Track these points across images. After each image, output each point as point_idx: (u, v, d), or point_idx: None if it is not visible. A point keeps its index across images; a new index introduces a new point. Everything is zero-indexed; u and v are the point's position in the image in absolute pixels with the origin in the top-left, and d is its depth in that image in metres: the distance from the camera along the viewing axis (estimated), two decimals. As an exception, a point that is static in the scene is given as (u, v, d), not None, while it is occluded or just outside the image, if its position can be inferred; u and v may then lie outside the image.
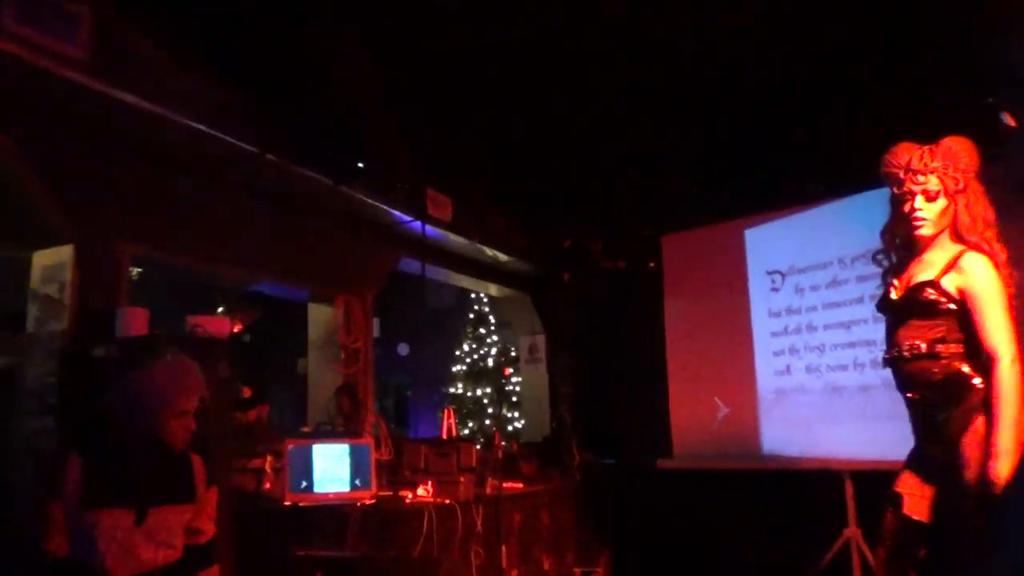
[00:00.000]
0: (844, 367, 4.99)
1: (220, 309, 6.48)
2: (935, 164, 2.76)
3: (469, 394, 11.68)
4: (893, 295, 2.88)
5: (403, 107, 5.86)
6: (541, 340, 8.52)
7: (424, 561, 3.91)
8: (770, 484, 5.00)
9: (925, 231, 2.81)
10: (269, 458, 4.75)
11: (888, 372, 4.71)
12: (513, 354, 10.99)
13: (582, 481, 6.50)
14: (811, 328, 5.16)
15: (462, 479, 4.85)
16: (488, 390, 11.66)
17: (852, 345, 4.97)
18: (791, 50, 5.15)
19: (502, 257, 7.54)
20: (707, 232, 5.91)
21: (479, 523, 4.78)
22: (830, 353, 5.06)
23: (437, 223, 6.40)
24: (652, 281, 6.49)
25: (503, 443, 7.00)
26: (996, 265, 2.72)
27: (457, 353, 12.17)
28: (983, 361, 2.65)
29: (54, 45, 3.83)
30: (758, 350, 5.39)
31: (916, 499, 2.81)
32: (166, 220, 5.00)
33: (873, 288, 4.93)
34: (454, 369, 12.07)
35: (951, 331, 2.72)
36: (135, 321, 4.14)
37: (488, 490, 5.12)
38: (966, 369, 2.68)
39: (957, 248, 2.77)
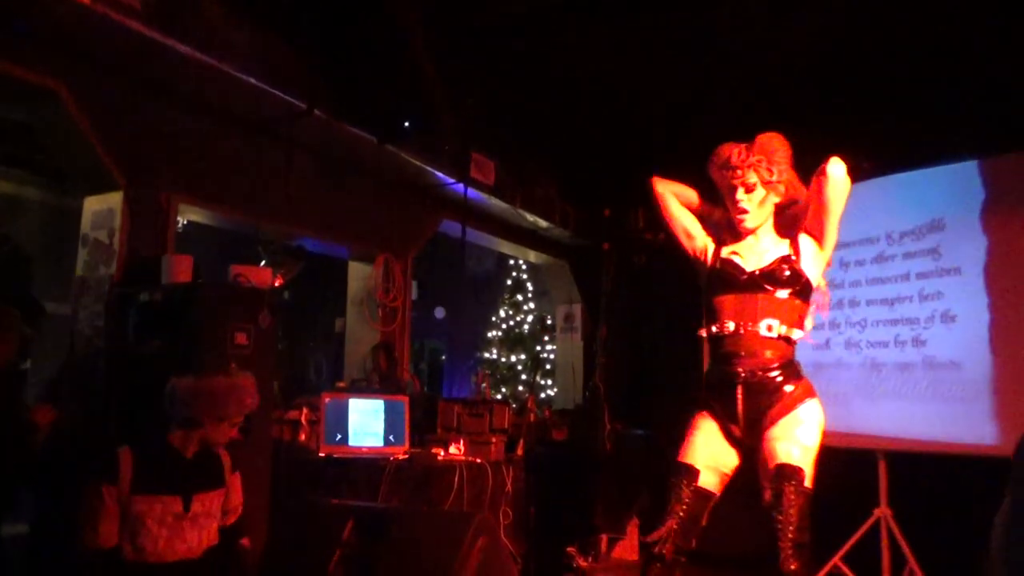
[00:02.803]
0: (884, 344, 4.93)
1: (263, 262, 6.57)
2: (752, 159, 2.90)
3: (504, 360, 11.73)
4: (745, 266, 2.99)
5: (452, 70, 5.85)
6: (577, 309, 8.52)
7: (455, 515, 3.96)
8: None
9: (748, 223, 2.97)
10: (305, 411, 4.83)
11: (929, 351, 4.70)
12: (549, 322, 11.00)
13: (612, 449, 6.51)
14: (853, 303, 5.09)
15: (494, 440, 4.90)
16: (523, 357, 11.70)
17: (894, 322, 4.90)
18: (847, 22, 5.06)
19: (542, 224, 7.54)
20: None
21: (509, 483, 4.83)
22: (871, 329, 4.99)
23: (480, 186, 6.40)
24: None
25: (535, 408, 7.03)
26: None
27: (493, 319, 12.21)
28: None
29: (111, -7, 3.88)
30: (797, 324, 5.36)
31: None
32: (213, 172, 5.07)
33: (920, 266, 4.85)
34: (489, 335, 12.12)
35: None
36: (180, 269, 4.22)
37: (519, 452, 5.16)
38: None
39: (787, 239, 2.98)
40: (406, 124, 5.32)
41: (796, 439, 2.87)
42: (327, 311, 8.45)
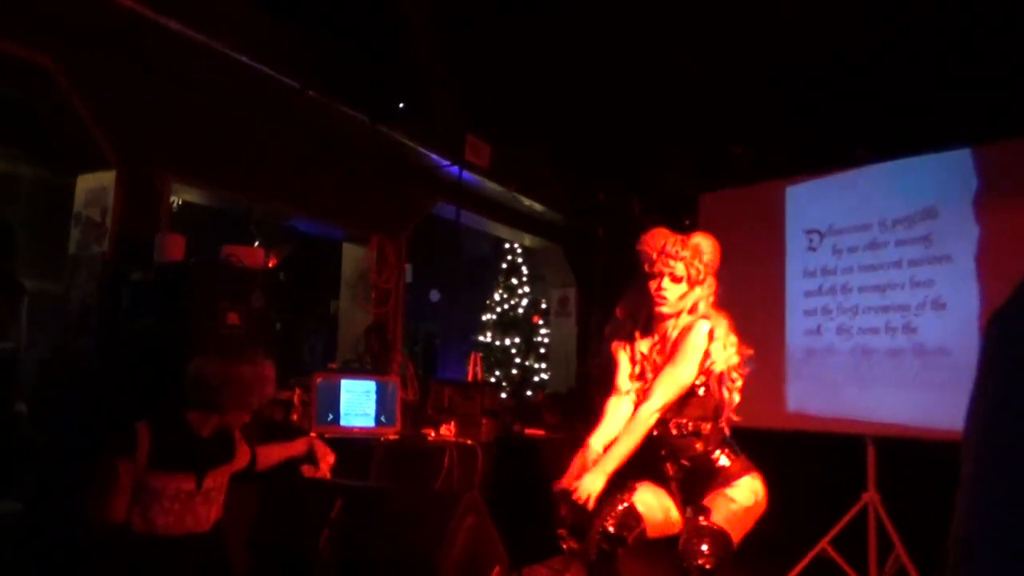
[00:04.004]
0: (876, 331, 4.94)
1: (256, 243, 6.57)
2: (684, 253, 3.02)
3: (498, 343, 11.75)
4: (648, 375, 3.09)
5: (447, 51, 5.84)
6: (572, 293, 8.53)
7: (444, 494, 3.99)
8: (791, 443, 5.00)
9: (664, 309, 3.06)
10: (298, 390, 4.84)
11: (920, 338, 4.73)
12: (543, 306, 11.02)
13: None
14: (846, 290, 5.10)
15: (485, 421, 4.92)
16: (516, 340, 11.72)
17: (886, 309, 4.91)
18: (844, 11, 5.05)
19: (537, 207, 7.53)
20: (746, 191, 5.85)
21: (498, 465, 4.85)
22: (863, 316, 5.01)
23: (475, 169, 6.39)
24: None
25: (528, 391, 7.05)
26: (712, 336, 2.99)
27: (488, 302, 12.22)
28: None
29: (102, -32, 3.86)
30: (790, 309, 5.36)
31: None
32: (206, 151, 5.05)
33: (912, 253, 4.86)
34: (484, 318, 12.14)
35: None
36: (173, 247, 4.22)
37: (509, 433, 5.18)
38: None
39: (686, 321, 3.05)
40: (400, 105, 5.31)
41: (727, 502, 2.90)
42: (321, 293, 8.45)
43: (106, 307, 4.32)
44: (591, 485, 2.84)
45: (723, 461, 2.98)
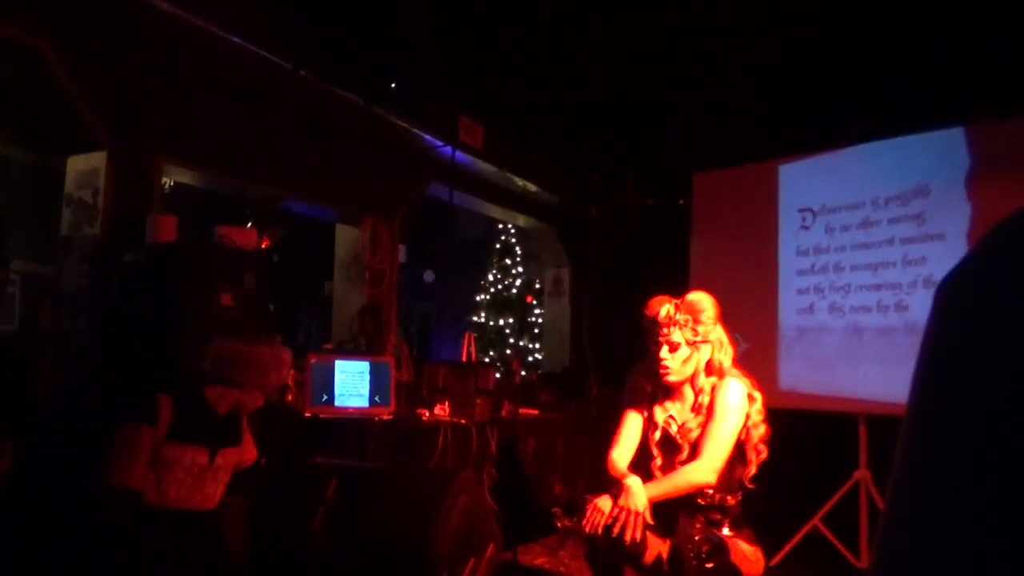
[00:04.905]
0: (868, 309, 4.96)
1: (249, 224, 6.56)
2: (679, 317, 3.00)
3: (492, 324, 11.78)
4: (678, 439, 3.04)
5: (439, 32, 5.81)
6: (566, 273, 8.55)
7: (438, 473, 4.01)
8: (783, 422, 5.03)
9: (670, 378, 3.03)
10: (292, 371, 4.85)
11: (911, 315, 4.75)
12: (538, 286, 11.03)
13: (599, 413, 6.57)
14: (838, 268, 5.12)
15: (479, 401, 4.93)
16: (511, 320, 11.74)
17: (878, 287, 4.93)
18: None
19: (531, 188, 7.53)
20: (740, 171, 5.85)
21: (493, 444, 4.87)
22: (855, 294, 5.02)
23: (468, 149, 6.38)
24: (680, 218, 6.46)
25: (522, 371, 7.08)
26: (752, 399, 2.98)
27: (482, 283, 12.23)
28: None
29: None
30: (782, 288, 5.37)
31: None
32: (198, 132, 5.03)
33: (904, 231, 4.87)
34: (478, 299, 12.16)
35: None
36: (165, 229, 4.21)
37: (504, 413, 5.20)
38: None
39: (711, 381, 3.01)
40: (393, 85, 5.28)
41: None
42: (315, 274, 8.44)
43: (99, 288, 4.31)
44: (637, 502, 2.84)
45: (725, 531, 2.89)
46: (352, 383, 4.67)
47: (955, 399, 0.46)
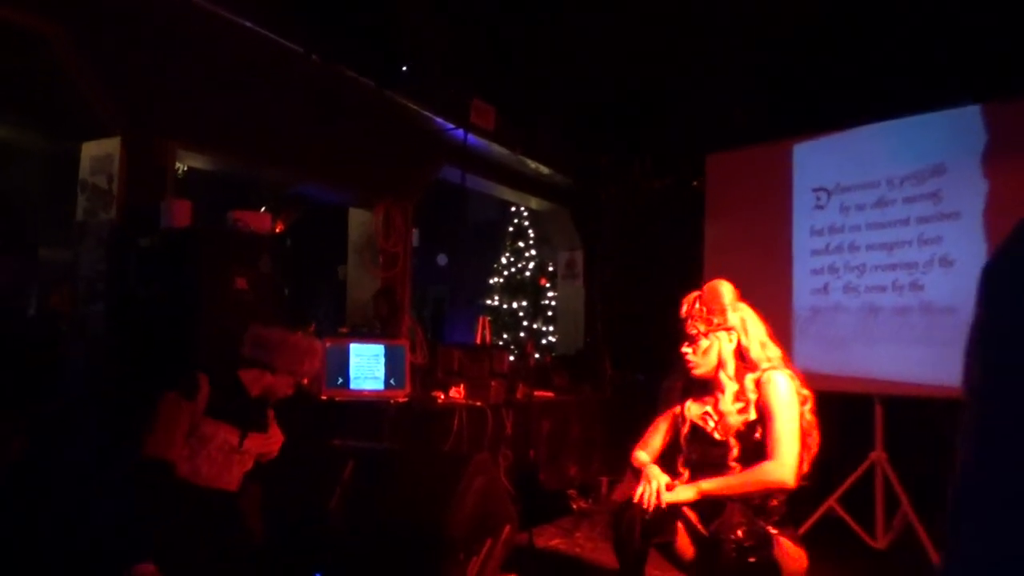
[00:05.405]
0: (883, 288, 4.93)
1: (263, 208, 6.58)
2: (696, 309, 3.00)
3: (505, 307, 11.78)
4: (716, 435, 3.00)
5: (451, 14, 5.78)
6: (579, 256, 8.53)
7: (454, 455, 4.02)
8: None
9: (697, 371, 3.01)
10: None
11: (927, 295, 4.72)
12: (551, 269, 11.02)
13: (613, 395, 6.58)
14: (853, 248, 5.08)
15: (493, 383, 4.93)
16: (524, 303, 11.74)
17: (893, 267, 4.89)
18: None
19: (543, 170, 7.51)
20: (754, 151, 5.80)
21: (508, 426, 4.88)
22: (870, 274, 4.99)
23: (480, 132, 6.36)
24: (693, 199, 6.43)
25: (536, 354, 7.09)
26: (797, 390, 2.92)
27: (495, 266, 12.23)
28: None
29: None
30: (796, 268, 5.34)
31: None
32: (211, 117, 5.04)
33: (920, 210, 4.83)
34: (491, 282, 12.16)
35: None
36: (180, 213, 4.22)
37: (518, 395, 5.20)
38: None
39: (753, 376, 2.95)
40: (404, 68, 5.27)
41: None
42: (329, 258, 8.46)
43: (115, 273, 4.34)
44: (679, 492, 2.84)
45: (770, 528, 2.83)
46: (367, 366, 4.69)
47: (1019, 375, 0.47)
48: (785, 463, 2.81)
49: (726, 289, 3.07)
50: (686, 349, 3.01)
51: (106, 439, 3.87)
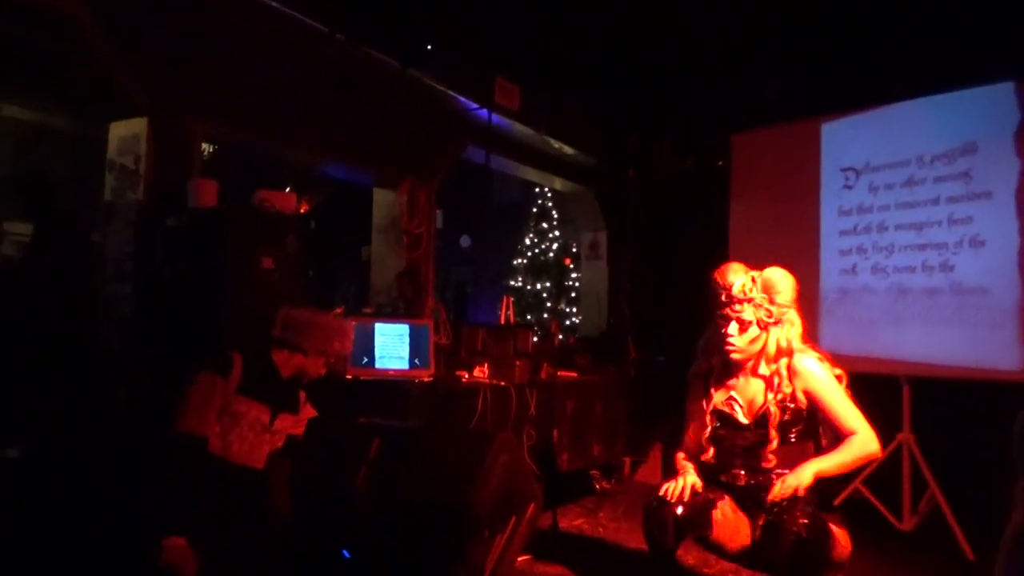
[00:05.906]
0: (912, 269, 4.88)
1: (288, 188, 6.60)
2: (753, 295, 2.89)
3: (529, 288, 11.78)
4: (742, 418, 2.97)
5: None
6: (603, 237, 8.49)
7: (479, 433, 4.04)
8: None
9: (735, 356, 2.95)
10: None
11: (957, 276, 4.66)
12: (574, 250, 10.99)
13: (636, 376, 6.56)
14: (882, 228, 5.02)
15: (518, 363, 4.95)
16: (548, 284, 11.73)
17: (922, 248, 4.83)
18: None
19: (568, 150, 7.46)
20: (780, 130, 5.75)
21: (532, 406, 4.89)
22: (899, 255, 4.94)
23: (504, 111, 6.33)
24: (719, 180, 6.38)
25: (560, 335, 7.08)
26: (820, 358, 2.95)
27: (518, 247, 12.22)
28: None
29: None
30: (824, 249, 5.29)
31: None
32: (237, 96, 5.04)
33: (950, 190, 4.77)
34: (515, 263, 12.16)
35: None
36: (206, 193, 4.25)
37: (543, 375, 5.21)
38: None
39: (783, 362, 2.92)
40: (428, 47, 5.25)
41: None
42: (353, 239, 8.48)
43: (142, 253, 4.37)
44: (802, 478, 2.78)
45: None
46: (392, 345, 4.71)
47: None
48: (868, 434, 2.86)
49: (791, 285, 2.99)
50: (731, 331, 2.93)
51: (137, 417, 3.92)
